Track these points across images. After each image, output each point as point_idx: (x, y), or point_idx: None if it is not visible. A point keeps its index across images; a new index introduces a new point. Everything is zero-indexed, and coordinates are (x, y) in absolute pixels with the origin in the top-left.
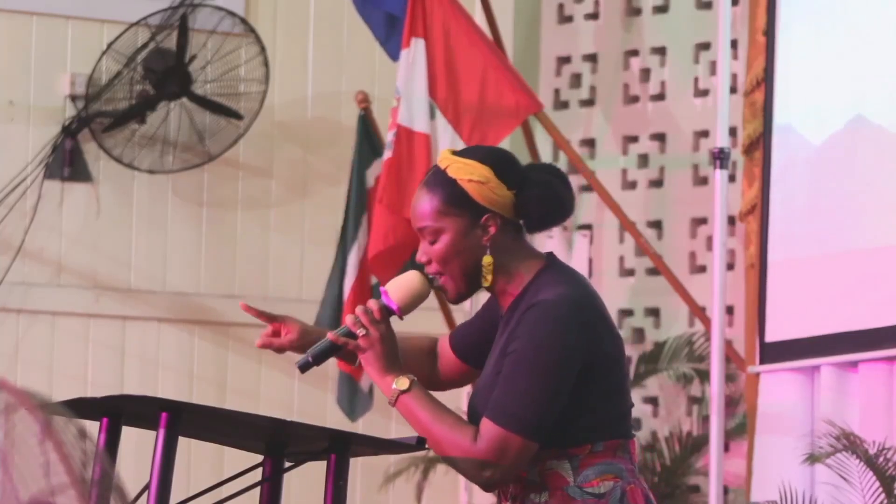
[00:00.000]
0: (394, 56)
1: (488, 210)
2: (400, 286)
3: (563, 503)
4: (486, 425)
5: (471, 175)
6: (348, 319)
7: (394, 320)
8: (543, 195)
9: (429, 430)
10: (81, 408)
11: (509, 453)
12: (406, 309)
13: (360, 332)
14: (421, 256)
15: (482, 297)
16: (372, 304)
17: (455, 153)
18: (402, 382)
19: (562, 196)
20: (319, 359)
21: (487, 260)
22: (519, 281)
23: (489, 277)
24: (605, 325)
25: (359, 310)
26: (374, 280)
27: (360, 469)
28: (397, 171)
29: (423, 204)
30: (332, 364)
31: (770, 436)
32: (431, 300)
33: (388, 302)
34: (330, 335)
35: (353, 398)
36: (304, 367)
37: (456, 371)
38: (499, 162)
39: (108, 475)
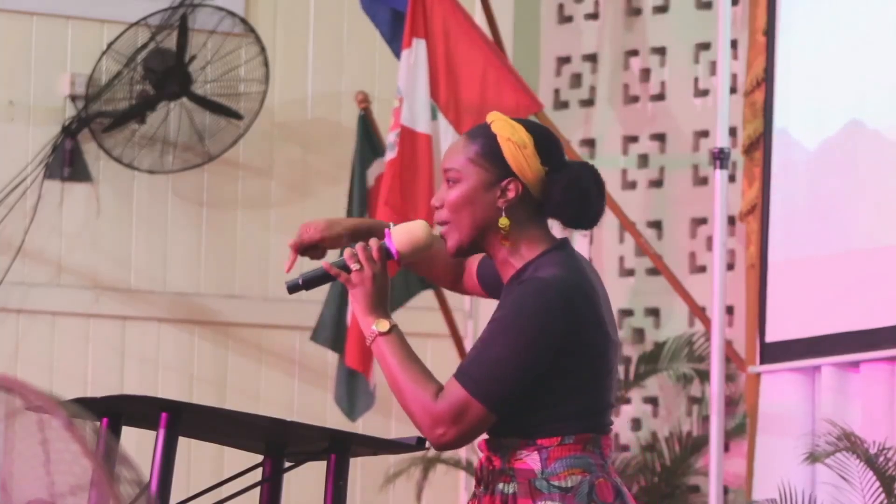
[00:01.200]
0: (399, 55)
1: (514, 175)
2: (404, 230)
3: (530, 494)
4: (451, 385)
5: (511, 135)
6: (346, 252)
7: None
8: (571, 184)
9: (395, 378)
10: (81, 408)
11: (467, 418)
12: (405, 255)
13: (355, 266)
14: (435, 200)
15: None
16: (373, 242)
17: (508, 117)
18: (383, 325)
19: (588, 193)
20: (309, 284)
21: (504, 222)
22: (522, 256)
23: (508, 237)
24: (594, 315)
25: (359, 245)
26: None
27: (360, 469)
28: (400, 172)
29: (458, 148)
30: (331, 364)
31: (771, 436)
32: (431, 300)
33: (389, 244)
34: (324, 264)
35: (353, 397)
36: (292, 289)
37: (477, 291)
38: (542, 137)
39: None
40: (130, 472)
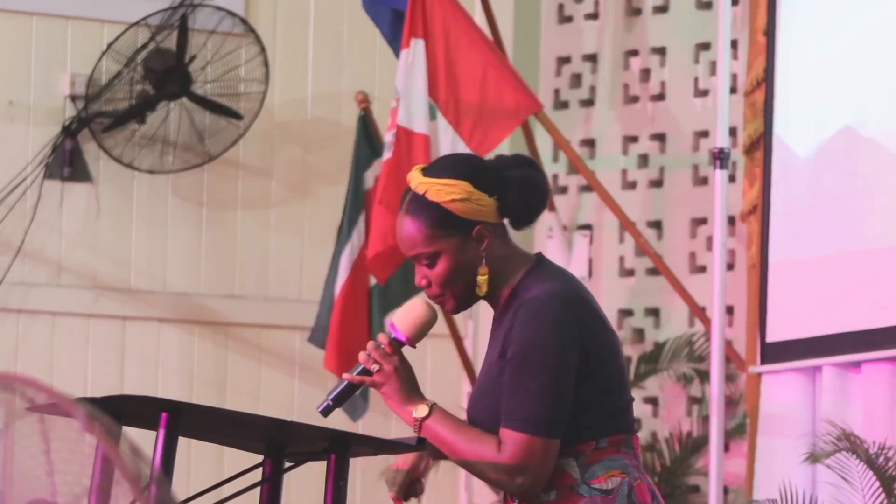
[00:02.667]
0: (399, 55)
1: (478, 222)
2: (406, 316)
3: (571, 501)
4: (507, 434)
5: (452, 195)
6: (361, 357)
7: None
8: (525, 192)
9: (454, 450)
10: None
11: (536, 456)
12: (415, 338)
13: (374, 367)
14: (420, 280)
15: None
16: (382, 338)
17: (425, 174)
18: (422, 410)
19: (540, 186)
20: (339, 401)
21: (483, 271)
22: (508, 282)
23: (485, 287)
24: (595, 318)
25: (370, 346)
26: (372, 281)
27: (360, 469)
28: (396, 172)
29: (411, 232)
30: None
31: (772, 436)
32: (441, 327)
33: (397, 334)
34: (345, 376)
35: (353, 398)
36: (326, 412)
37: None
38: (474, 172)
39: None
40: (149, 470)
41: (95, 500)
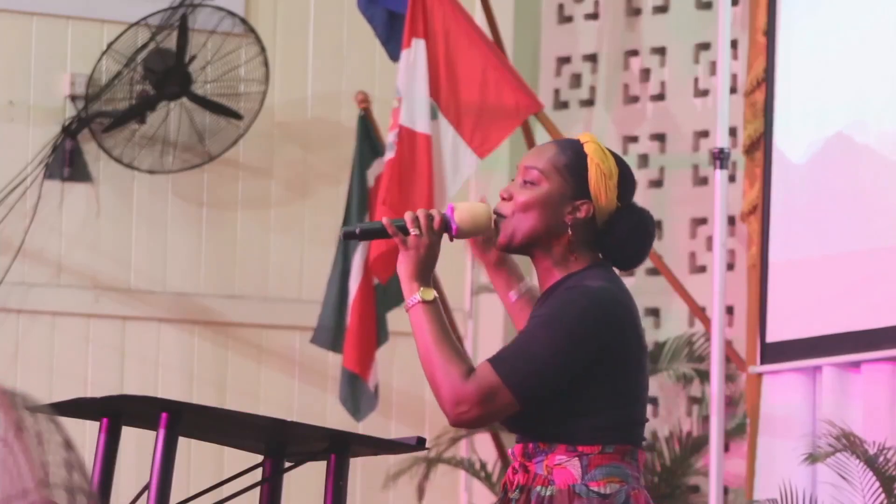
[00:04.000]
0: (394, 56)
1: (591, 198)
2: (468, 210)
3: (569, 500)
4: (485, 369)
5: (602, 161)
6: (407, 216)
7: (409, 344)
8: (639, 226)
9: (427, 349)
10: (81, 408)
11: (494, 402)
12: (464, 232)
13: (414, 231)
14: (504, 192)
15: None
16: (435, 212)
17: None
18: (428, 294)
19: (649, 239)
20: (366, 235)
21: (567, 239)
22: (568, 268)
23: (549, 249)
24: (634, 329)
25: (421, 212)
26: (375, 281)
27: (360, 469)
28: (399, 172)
29: (547, 152)
30: (333, 364)
31: (772, 436)
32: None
33: (451, 218)
34: (384, 220)
35: (358, 397)
36: (347, 235)
37: (506, 301)
38: (626, 174)
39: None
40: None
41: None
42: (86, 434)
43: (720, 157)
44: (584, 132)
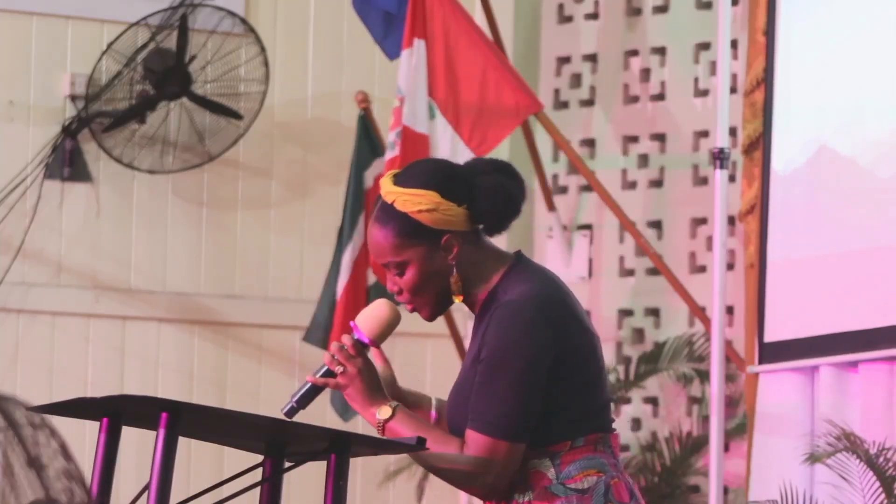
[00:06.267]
0: (391, 55)
1: (446, 231)
2: (368, 318)
3: (547, 501)
4: (471, 436)
5: (419, 205)
6: (325, 359)
7: (408, 344)
8: (495, 201)
9: (417, 454)
10: (81, 408)
11: (498, 459)
12: (378, 339)
13: (339, 369)
14: (392, 287)
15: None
16: (345, 339)
17: (396, 182)
18: (385, 412)
19: (512, 193)
20: (303, 402)
21: (454, 278)
22: (485, 286)
23: (459, 294)
24: (573, 318)
25: (334, 347)
26: (372, 279)
27: (360, 469)
28: None
29: (380, 240)
30: None
31: (769, 436)
32: (441, 327)
33: (360, 335)
34: (309, 378)
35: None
36: (290, 413)
37: None
38: (442, 181)
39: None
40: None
41: (95, 498)
42: (86, 434)
43: (720, 157)
44: (383, 179)
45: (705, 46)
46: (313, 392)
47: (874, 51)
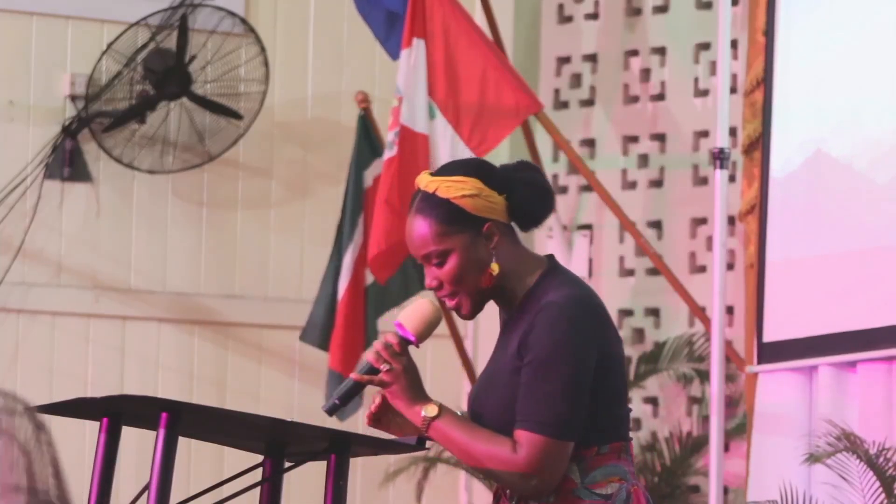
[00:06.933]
0: (394, 55)
1: (487, 219)
2: (413, 316)
3: (571, 503)
4: (523, 435)
5: (462, 190)
6: (369, 356)
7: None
8: (534, 192)
9: (466, 450)
10: (81, 408)
11: (550, 458)
12: (422, 337)
13: (384, 367)
14: (431, 282)
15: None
16: (390, 337)
17: (434, 174)
18: (431, 409)
19: (548, 189)
20: (345, 399)
21: (495, 267)
22: (524, 283)
23: (496, 286)
24: (611, 326)
25: (378, 345)
26: (369, 279)
27: (360, 469)
28: (400, 171)
29: (422, 230)
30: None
31: (768, 435)
32: (441, 327)
33: (405, 334)
34: (353, 375)
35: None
36: (331, 411)
37: None
38: (483, 171)
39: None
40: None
41: (95, 497)
42: (86, 434)
43: (720, 157)
44: (420, 175)
45: (705, 46)
46: (356, 389)
47: (873, 51)
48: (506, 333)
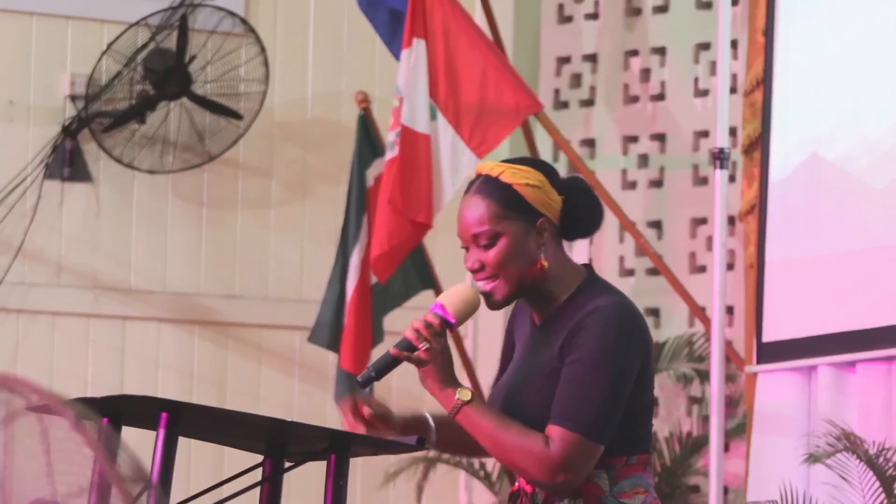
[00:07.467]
0: (398, 56)
1: (543, 214)
2: (455, 298)
3: None
4: (558, 431)
5: (527, 179)
6: (409, 333)
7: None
8: (591, 201)
9: (496, 439)
10: (84, 407)
11: (581, 458)
12: (462, 319)
13: (423, 345)
14: (473, 264)
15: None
16: (431, 317)
17: (500, 162)
18: (465, 393)
19: (601, 204)
20: (381, 373)
21: (545, 262)
22: (566, 286)
23: (536, 283)
24: (651, 341)
25: (419, 324)
26: (373, 280)
27: (360, 469)
28: (401, 171)
29: (478, 209)
30: (332, 364)
31: (767, 435)
32: (431, 300)
33: (446, 315)
34: (392, 351)
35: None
36: (365, 382)
37: None
38: (547, 169)
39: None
40: (136, 471)
41: (95, 499)
42: None
43: (720, 157)
44: (485, 162)
45: (705, 46)
46: (392, 364)
47: (873, 51)
48: (542, 335)
